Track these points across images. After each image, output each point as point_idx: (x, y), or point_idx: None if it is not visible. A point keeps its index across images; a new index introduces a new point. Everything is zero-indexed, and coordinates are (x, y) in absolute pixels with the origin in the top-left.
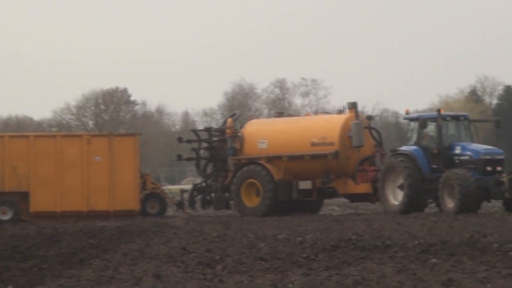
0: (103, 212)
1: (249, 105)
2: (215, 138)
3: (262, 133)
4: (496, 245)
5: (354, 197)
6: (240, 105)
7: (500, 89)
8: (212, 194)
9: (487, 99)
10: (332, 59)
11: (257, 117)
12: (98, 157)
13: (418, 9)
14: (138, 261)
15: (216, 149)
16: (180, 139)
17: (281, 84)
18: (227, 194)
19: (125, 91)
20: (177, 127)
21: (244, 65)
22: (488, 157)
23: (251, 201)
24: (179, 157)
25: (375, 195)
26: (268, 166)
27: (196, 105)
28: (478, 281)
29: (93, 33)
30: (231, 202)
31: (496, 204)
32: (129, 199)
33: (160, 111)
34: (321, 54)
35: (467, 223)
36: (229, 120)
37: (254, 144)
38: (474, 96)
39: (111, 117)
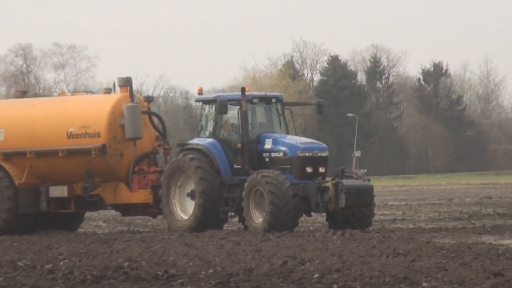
0: None
1: None
2: None
3: None
4: (316, 275)
5: (127, 209)
6: None
7: (324, 61)
8: None
9: (307, 73)
10: (100, 19)
11: None
12: None
13: None
14: None
15: None
16: None
17: (25, 52)
18: None
19: None
20: None
21: None
22: (308, 154)
23: None
24: None
25: (157, 207)
26: (5, 165)
27: None
28: None
29: None
30: None
31: (318, 219)
32: None
33: None
34: (84, 13)
35: (279, 245)
36: None
37: None
38: (290, 70)
39: None
